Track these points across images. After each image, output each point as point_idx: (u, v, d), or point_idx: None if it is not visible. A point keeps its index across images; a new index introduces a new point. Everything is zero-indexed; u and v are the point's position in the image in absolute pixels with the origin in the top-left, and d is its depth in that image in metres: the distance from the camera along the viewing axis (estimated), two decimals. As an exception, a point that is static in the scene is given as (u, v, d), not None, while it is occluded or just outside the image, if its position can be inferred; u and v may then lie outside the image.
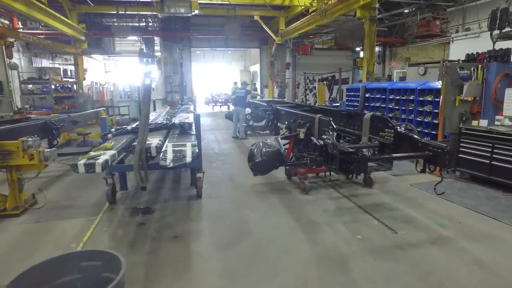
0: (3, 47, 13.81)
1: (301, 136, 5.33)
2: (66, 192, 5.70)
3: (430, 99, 6.81)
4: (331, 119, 4.59)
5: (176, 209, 4.89)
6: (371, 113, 5.07)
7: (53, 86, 13.48)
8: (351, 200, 5.05)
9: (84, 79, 15.53)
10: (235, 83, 19.91)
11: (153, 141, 4.27)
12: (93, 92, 17.39)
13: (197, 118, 5.14)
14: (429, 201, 4.95)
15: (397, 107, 7.70)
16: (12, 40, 9.90)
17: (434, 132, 6.68)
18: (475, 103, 6.03)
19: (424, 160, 4.07)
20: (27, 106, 12.10)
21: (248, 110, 10.55)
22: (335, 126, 4.43)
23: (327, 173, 5.93)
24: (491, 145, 5.33)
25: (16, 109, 10.76)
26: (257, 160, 5.30)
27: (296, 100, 15.63)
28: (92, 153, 3.66)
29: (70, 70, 19.72)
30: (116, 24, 14.59)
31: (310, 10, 12.31)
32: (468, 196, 5.14)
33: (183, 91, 17.89)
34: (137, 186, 5.96)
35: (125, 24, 14.93)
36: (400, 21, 12.33)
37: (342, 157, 3.73)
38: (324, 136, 4.59)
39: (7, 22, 14.07)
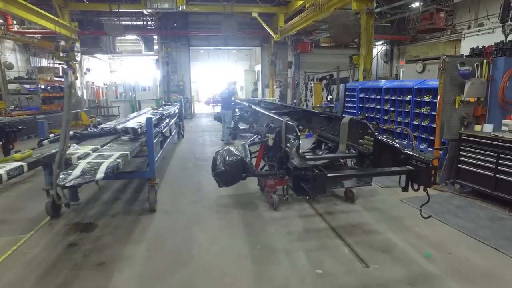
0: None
1: (270, 142, 4.58)
2: (10, 203, 5.13)
3: (427, 100, 5.95)
4: (295, 124, 3.84)
5: (121, 226, 4.24)
6: (350, 116, 4.30)
7: (42, 86, 13.08)
8: (325, 219, 4.28)
9: (77, 78, 15.10)
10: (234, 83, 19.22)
11: (83, 150, 3.64)
12: (88, 92, 17.02)
13: (149, 122, 4.47)
14: (418, 222, 4.12)
15: (392, 109, 6.85)
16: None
17: (432, 138, 5.82)
18: (479, 105, 5.16)
19: (406, 177, 3.28)
20: (13, 106, 11.74)
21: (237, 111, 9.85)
22: (299, 133, 3.68)
23: (285, 187, 4.98)
24: (495, 154, 4.47)
25: (-4, 109, 10.34)
26: (219, 170, 4.57)
27: (294, 101, 14.81)
28: (-8, 165, 3.04)
29: (70, 70, 19.46)
30: (108, 22, 14.11)
31: (307, 5, 11.53)
32: (466, 216, 4.29)
33: (169, 91, 17.34)
34: (91, 197, 5.38)
35: (118, 22, 14.43)
36: (399, 16, 11.30)
37: (297, 173, 2.98)
38: (288, 145, 3.87)
39: (1, 21, 13.84)
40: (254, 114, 6.37)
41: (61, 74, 17.37)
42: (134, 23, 17.87)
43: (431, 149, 5.87)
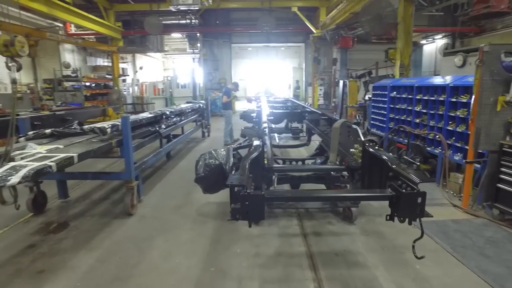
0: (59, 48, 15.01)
1: (254, 147, 3.99)
2: None
3: (465, 101, 4.79)
4: (256, 127, 3.22)
5: (89, 230, 4.02)
6: (343, 120, 3.55)
7: (87, 83, 13.93)
8: (307, 242, 3.57)
9: (119, 76, 15.83)
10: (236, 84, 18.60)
11: (38, 149, 3.45)
12: (134, 89, 17.76)
13: (125, 122, 4.19)
14: (425, 257, 3.21)
15: (425, 111, 5.72)
16: (36, 39, 10.07)
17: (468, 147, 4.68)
18: (531, 108, 3.97)
19: (389, 203, 2.48)
20: (60, 102, 12.61)
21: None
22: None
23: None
24: (546, 175, 3.34)
25: (39, 105, 11.13)
26: (199, 175, 4.12)
27: (334, 100, 13.74)
28: None
29: (123, 68, 20.58)
30: (148, 21, 14.55)
31: (344, -5, 10.52)
32: (497, 255, 3.25)
33: (195, 90, 17.25)
34: (84, 194, 5.30)
35: (158, 22, 14.80)
36: (446, 3, 9.58)
37: (237, 190, 2.39)
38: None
39: (61, 24, 15.06)
40: (259, 115, 5.80)
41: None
42: (179, 21, 18.29)
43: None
